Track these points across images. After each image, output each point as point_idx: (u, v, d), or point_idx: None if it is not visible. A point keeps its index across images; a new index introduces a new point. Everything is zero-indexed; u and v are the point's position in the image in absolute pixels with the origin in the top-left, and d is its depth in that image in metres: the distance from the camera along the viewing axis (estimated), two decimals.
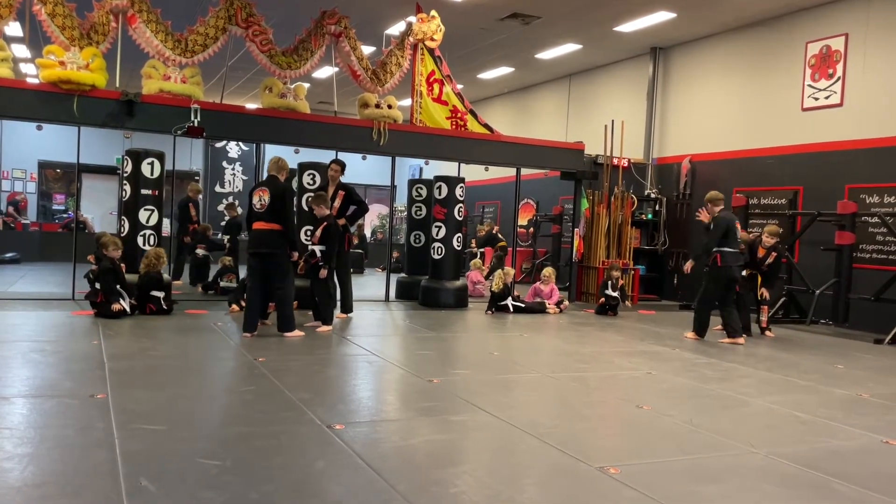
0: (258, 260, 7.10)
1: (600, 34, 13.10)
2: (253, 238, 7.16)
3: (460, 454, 3.82)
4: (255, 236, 7.12)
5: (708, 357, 7.12)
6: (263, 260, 7.09)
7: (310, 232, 8.35)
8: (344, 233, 8.29)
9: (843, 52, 10.52)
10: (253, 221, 7.17)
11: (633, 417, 4.71)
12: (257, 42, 9.66)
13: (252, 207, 7.17)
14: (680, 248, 13.07)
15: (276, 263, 7.11)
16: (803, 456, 3.89)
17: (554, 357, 7.04)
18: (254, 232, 7.14)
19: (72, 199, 18.96)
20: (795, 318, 10.43)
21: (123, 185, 9.07)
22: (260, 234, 7.07)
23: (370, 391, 5.34)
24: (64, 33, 8.58)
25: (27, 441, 3.55)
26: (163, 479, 3.08)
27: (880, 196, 9.86)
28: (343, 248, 8.32)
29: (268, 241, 7.05)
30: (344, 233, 8.29)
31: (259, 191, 7.15)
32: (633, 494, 3.20)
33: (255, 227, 7.12)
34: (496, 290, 10.14)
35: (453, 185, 10.64)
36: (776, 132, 11.50)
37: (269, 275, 7.13)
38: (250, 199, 7.23)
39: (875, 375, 6.59)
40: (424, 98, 11.13)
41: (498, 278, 10.25)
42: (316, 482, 3.21)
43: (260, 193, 7.11)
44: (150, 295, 8.13)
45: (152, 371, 5.35)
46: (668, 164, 13.61)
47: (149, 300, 8.12)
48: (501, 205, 17.94)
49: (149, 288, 8.14)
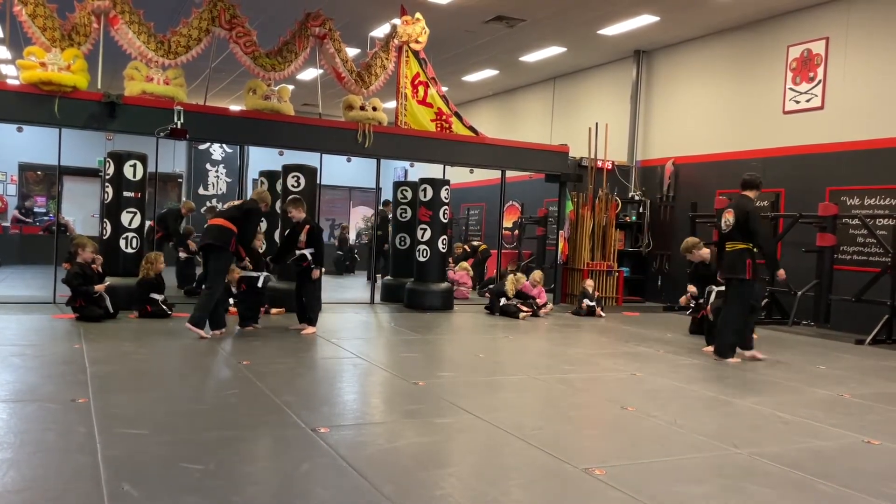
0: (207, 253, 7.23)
1: (584, 37, 13.16)
2: (205, 231, 7.32)
3: (446, 456, 3.82)
4: (207, 229, 7.27)
5: (692, 358, 7.16)
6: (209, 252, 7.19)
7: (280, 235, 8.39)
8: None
9: (823, 55, 10.64)
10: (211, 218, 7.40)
11: (617, 418, 4.72)
12: (241, 43, 9.62)
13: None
14: (664, 251, 13.15)
15: (217, 258, 7.18)
16: (786, 456, 3.92)
17: (539, 359, 7.05)
18: (208, 226, 7.30)
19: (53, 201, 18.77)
20: (777, 320, 10.52)
21: (105, 187, 8.99)
22: (212, 227, 7.20)
23: (355, 394, 5.32)
24: (45, 34, 8.49)
25: (7, 446, 3.50)
26: (145, 484, 3.05)
27: (861, 198, 9.96)
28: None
29: (217, 235, 7.13)
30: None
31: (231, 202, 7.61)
32: (618, 495, 3.21)
33: (211, 223, 7.27)
34: (511, 294, 10.20)
35: (438, 187, 10.64)
36: (758, 135, 11.60)
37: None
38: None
39: (856, 375, 6.65)
40: (409, 100, 11.13)
41: (511, 283, 10.28)
42: (300, 485, 3.19)
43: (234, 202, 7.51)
44: (150, 297, 8.18)
45: (135, 375, 5.31)
46: (652, 166, 13.69)
47: (147, 302, 8.15)
48: (487, 207, 17.96)
49: (147, 292, 8.20)
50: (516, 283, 10.29)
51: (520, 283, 10.31)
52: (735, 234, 6.94)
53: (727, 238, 7.06)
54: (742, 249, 6.88)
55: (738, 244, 6.94)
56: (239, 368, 5.67)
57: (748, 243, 6.89)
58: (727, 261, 7.03)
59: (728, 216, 7.03)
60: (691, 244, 8.31)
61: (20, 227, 17.18)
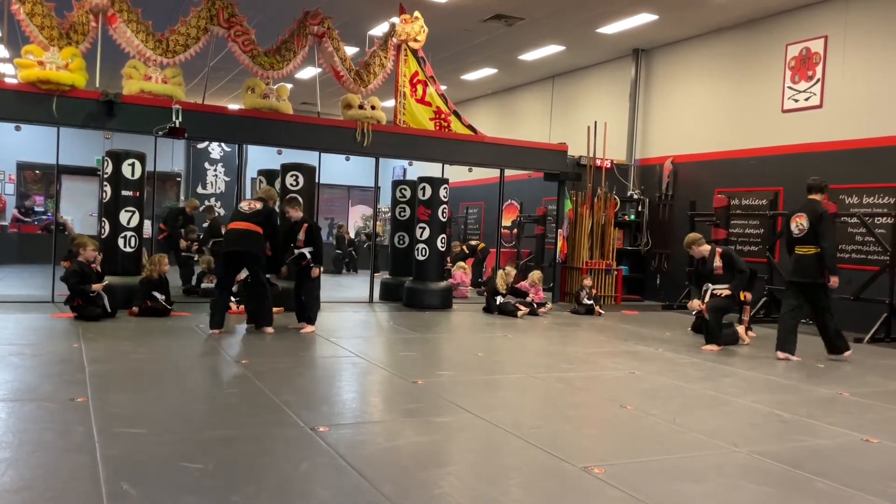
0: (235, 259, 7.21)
1: (583, 36, 13.15)
2: (231, 237, 7.25)
3: (445, 455, 3.81)
4: (237, 235, 7.19)
5: (690, 357, 7.17)
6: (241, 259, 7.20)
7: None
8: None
9: (822, 54, 10.64)
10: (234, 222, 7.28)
11: (616, 417, 4.72)
12: (239, 42, 9.60)
13: (238, 211, 7.30)
14: (662, 249, 13.16)
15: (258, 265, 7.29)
16: (785, 454, 3.92)
17: (538, 358, 7.05)
18: (233, 231, 7.23)
19: (51, 200, 18.75)
20: (776, 318, 10.49)
21: (104, 186, 8.98)
22: (242, 233, 7.16)
23: (354, 393, 5.31)
24: (43, 33, 8.47)
25: (6, 445, 3.50)
26: (144, 483, 3.05)
27: (859, 197, 9.97)
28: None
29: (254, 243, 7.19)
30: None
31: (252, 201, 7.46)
32: (617, 494, 3.21)
33: (237, 227, 7.20)
34: (502, 289, 10.20)
35: (437, 186, 10.64)
36: (757, 133, 11.61)
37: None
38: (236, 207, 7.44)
39: (855, 374, 6.66)
40: (408, 99, 11.12)
41: (501, 278, 10.30)
42: (300, 485, 3.18)
43: (252, 202, 7.41)
44: (151, 295, 8.26)
45: (133, 374, 5.30)
46: (651, 165, 13.69)
47: (148, 298, 8.23)
48: (485, 206, 17.96)
49: (149, 290, 8.27)
50: (506, 277, 10.30)
51: (509, 277, 10.32)
52: (810, 237, 7.10)
53: (799, 242, 7.22)
54: (818, 253, 7.07)
55: (812, 248, 7.11)
56: (238, 367, 5.66)
57: (820, 247, 7.07)
58: (801, 264, 7.19)
59: (801, 220, 7.19)
60: (694, 239, 8.34)
61: (19, 227, 17.16)
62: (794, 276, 7.26)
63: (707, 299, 8.00)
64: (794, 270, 7.29)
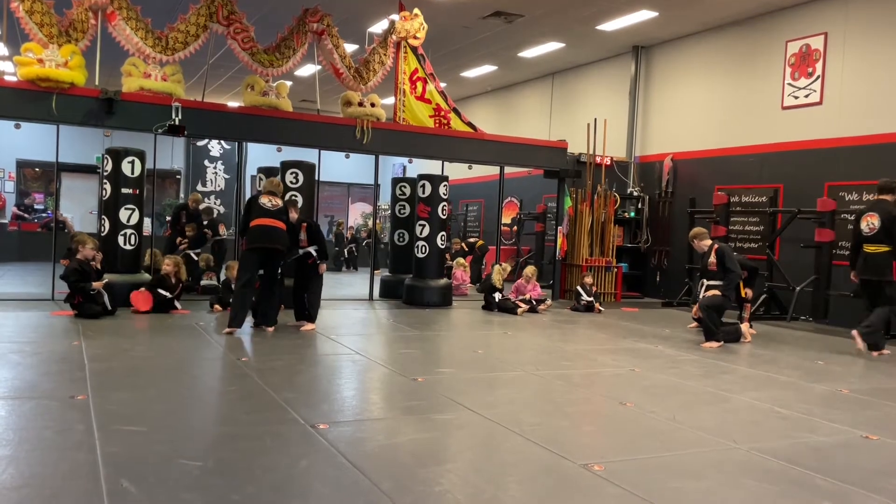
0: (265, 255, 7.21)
1: (583, 33, 13.14)
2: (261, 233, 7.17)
3: (445, 452, 3.82)
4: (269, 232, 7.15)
5: (690, 354, 7.17)
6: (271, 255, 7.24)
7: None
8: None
9: (822, 50, 10.63)
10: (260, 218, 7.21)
11: (616, 414, 4.73)
12: (239, 40, 9.60)
13: (261, 207, 7.24)
14: (662, 246, 13.16)
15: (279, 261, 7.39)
16: (785, 451, 3.92)
17: (538, 355, 7.05)
18: (262, 227, 7.16)
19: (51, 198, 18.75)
20: (776, 315, 10.52)
21: (104, 184, 8.98)
22: (273, 231, 7.17)
23: (354, 390, 5.32)
24: (42, 30, 8.47)
25: (6, 443, 3.50)
26: (144, 481, 3.05)
27: (859, 193, 9.97)
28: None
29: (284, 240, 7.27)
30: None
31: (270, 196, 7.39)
32: (616, 491, 3.21)
33: (268, 223, 7.17)
34: (498, 284, 10.22)
35: (437, 183, 10.64)
36: (757, 130, 11.60)
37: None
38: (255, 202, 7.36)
39: (855, 371, 6.66)
40: (408, 96, 11.11)
41: (498, 273, 10.32)
42: (300, 482, 3.19)
43: (271, 198, 7.36)
44: (158, 292, 8.38)
45: (133, 372, 5.30)
46: (651, 162, 13.68)
47: (156, 295, 8.35)
48: (485, 203, 17.96)
49: (157, 286, 8.41)
50: (502, 272, 10.34)
51: (505, 273, 10.42)
52: (881, 236, 7.29)
53: (869, 241, 7.40)
54: (888, 252, 7.26)
55: (882, 247, 7.30)
56: (238, 365, 5.67)
57: (892, 246, 7.26)
58: (871, 262, 7.37)
59: (872, 219, 7.36)
60: (697, 233, 8.36)
61: (18, 224, 17.16)
62: (864, 273, 7.44)
63: (701, 295, 8.05)
64: (864, 268, 7.44)
